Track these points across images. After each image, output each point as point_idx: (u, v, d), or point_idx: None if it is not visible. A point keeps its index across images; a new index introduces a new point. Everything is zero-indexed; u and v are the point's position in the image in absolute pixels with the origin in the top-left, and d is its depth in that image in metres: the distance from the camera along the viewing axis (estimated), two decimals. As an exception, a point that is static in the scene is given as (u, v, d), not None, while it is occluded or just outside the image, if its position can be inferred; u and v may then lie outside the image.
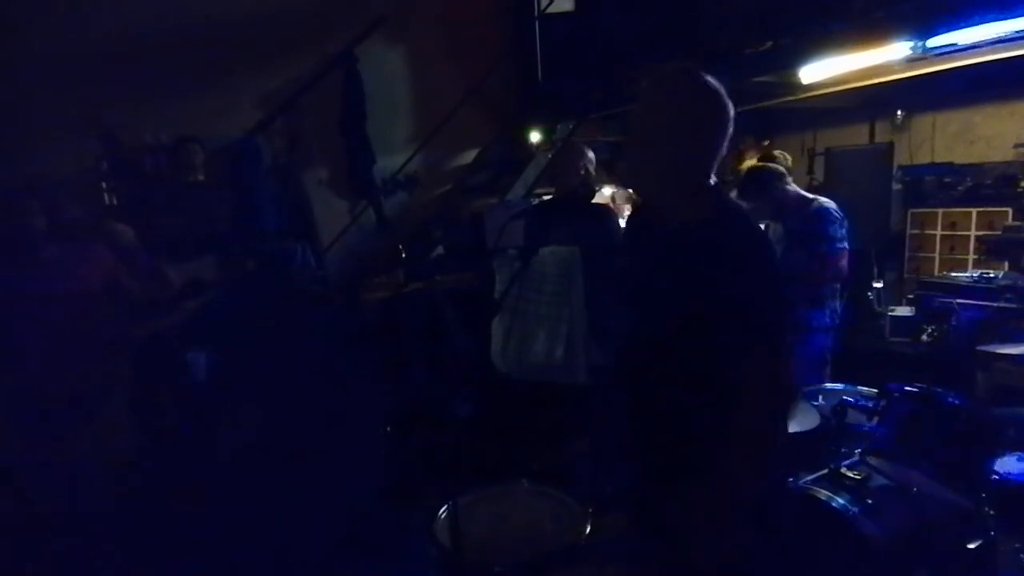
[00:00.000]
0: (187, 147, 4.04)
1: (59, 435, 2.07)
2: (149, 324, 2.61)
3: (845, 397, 2.51)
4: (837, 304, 3.28)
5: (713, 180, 1.55)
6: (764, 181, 3.23)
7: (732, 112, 1.49)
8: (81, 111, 3.88)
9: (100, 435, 2.12)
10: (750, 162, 3.34)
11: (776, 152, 3.43)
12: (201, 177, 4.07)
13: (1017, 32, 3.25)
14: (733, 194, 4.92)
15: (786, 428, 1.49)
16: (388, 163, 5.08)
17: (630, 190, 3.46)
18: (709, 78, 1.49)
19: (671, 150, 1.48)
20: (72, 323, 2.13)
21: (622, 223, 2.84)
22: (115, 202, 3.87)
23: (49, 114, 3.75)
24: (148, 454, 2.58)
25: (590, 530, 1.74)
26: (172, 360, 2.75)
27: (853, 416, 2.42)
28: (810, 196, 3.26)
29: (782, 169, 3.24)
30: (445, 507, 1.76)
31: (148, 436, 2.67)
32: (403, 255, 4.22)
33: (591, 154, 3.02)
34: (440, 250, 4.93)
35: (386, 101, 5.07)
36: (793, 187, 3.27)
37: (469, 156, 5.59)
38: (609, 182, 4.79)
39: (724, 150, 1.52)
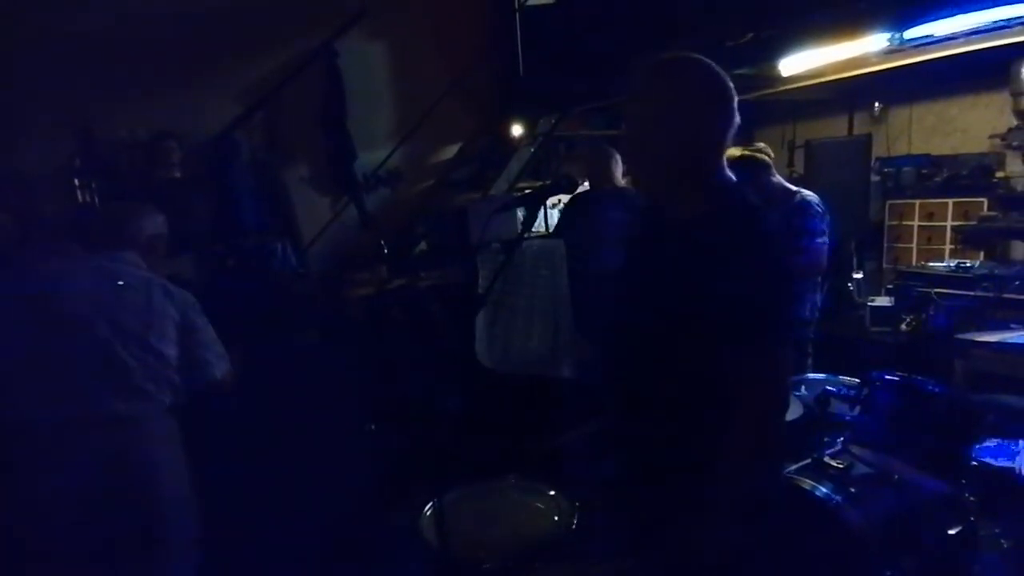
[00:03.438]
0: (163, 143, 3.97)
1: (39, 439, 2.03)
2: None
3: (827, 387, 2.53)
4: (817, 297, 3.31)
5: (729, 173, 1.49)
6: (749, 171, 3.23)
7: (734, 98, 1.44)
8: (54, 107, 3.80)
9: (80, 436, 2.08)
10: (736, 151, 3.35)
11: (759, 144, 3.44)
12: (178, 174, 4.00)
13: (991, 23, 3.30)
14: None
15: (784, 424, 1.46)
16: (370, 158, 5.03)
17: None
18: (707, 61, 1.43)
19: (677, 141, 1.41)
20: (46, 325, 2.08)
21: None
22: (89, 200, 3.79)
23: (21, 110, 3.67)
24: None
25: (578, 525, 1.74)
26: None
27: (835, 406, 2.45)
28: (794, 189, 3.27)
29: (768, 160, 3.25)
30: (431, 504, 1.75)
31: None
32: (386, 251, 4.19)
33: (618, 156, 3.05)
34: (423, 246, 4.90)
35: (367, 95, 5.02)
36: (778, 179, 3.28)
37: (451, 151, 5.56)
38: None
39: (730, 138, 1.46)
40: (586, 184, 3.50)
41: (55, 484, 2.00)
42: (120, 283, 2.15)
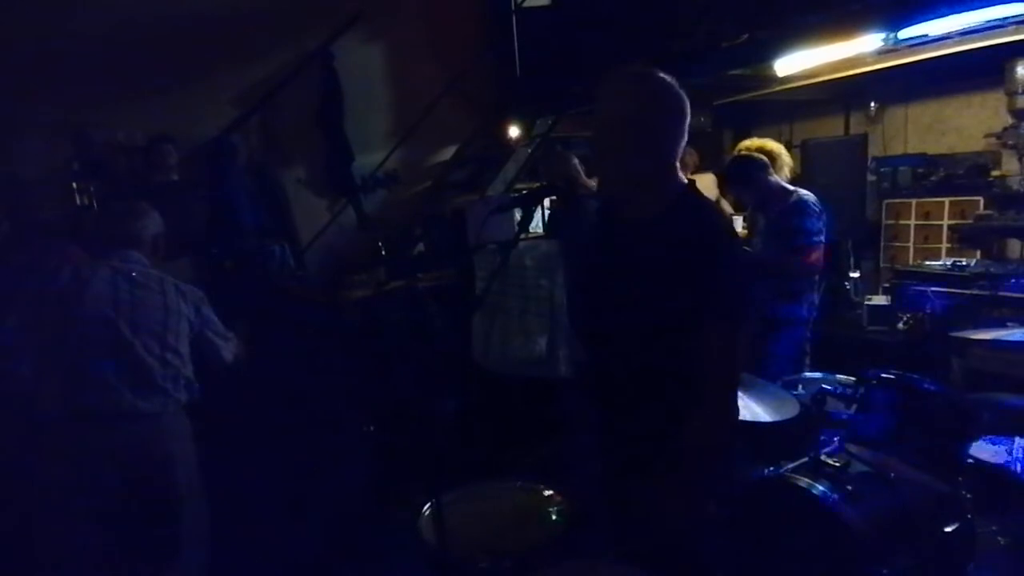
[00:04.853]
0: (161, 147, 3.98)
1: (64, 434, 2.06)
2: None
3: (824, 386, 2.54)
4: (814, 296, 3.31)
5: (681, 176, 1.60)
6: (747, 171, 3.24)
7: (688, 109, 1.55)
8: (53, 110, 3.80)
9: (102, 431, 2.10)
10: (750, 142, 3.36)
11: (767, 140, 3.43)
12: (175, 177, 4.00)
13: (985, 23, 3.31)
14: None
15: (737, 413, 1.56)
16: (367, 160, 5.04)
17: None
18: (665, 77, 1.54)
19: (632, 149, 1.53)
20: (67, 325, 2.10)
21: None
22: (87, 203, 3.79)
23: (19, 112, 3.67)
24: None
25: (576, 524, 1.75)
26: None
27: (832, 404, 2.45)
28: (791, 188, 3.27)
29: (764, 160, 3.25)
30: (429, 504, 1.75)
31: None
32: (383, 253, 4.20)
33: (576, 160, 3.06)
34: (421, 247, 4.91)
35: (364, 98, 5.03)
36: (775, 178, 3.28)
37: (449, 152, 5.57)
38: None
39: (683, 146, 1.57)
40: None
41: (78, 476, 2.05)
42: (138, 283, 2.19)
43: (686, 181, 1.62)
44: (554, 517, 1.80)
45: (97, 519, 2.06)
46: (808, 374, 2.94)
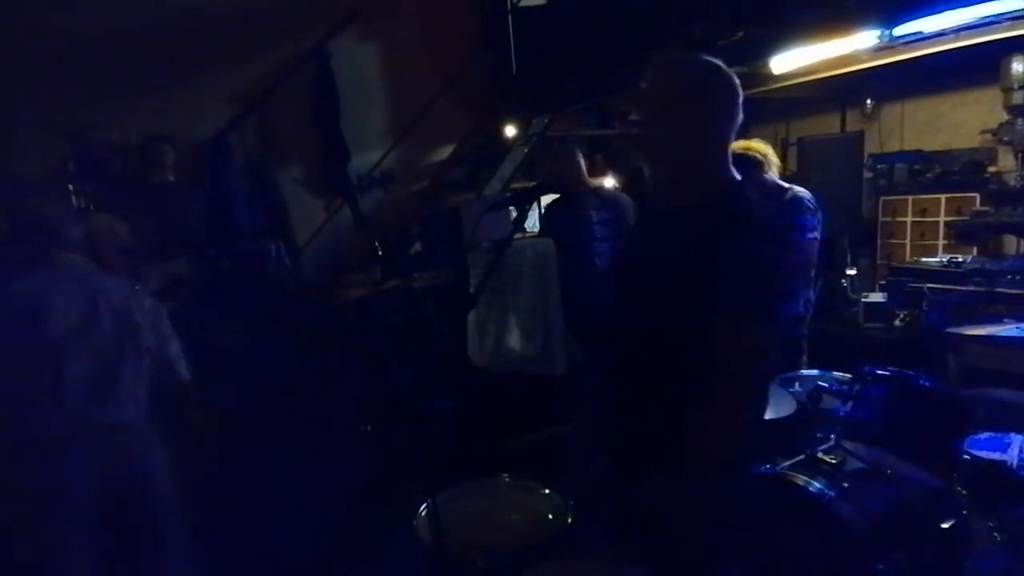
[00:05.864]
0: (157, 147, 3.96)
1: (42, 446, 2.04)
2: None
3: (820, 383, 2.54)
4: (811, 293, 3.32)
5: (730, 167, 1.56)
6: (741, 169, 3.24)
7: (739, 95, 1.51)
8: (47, 109, 3.79)
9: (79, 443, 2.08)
10: (737, 143, 3.37)
11: (754, 140, 3.45)
12: (171, 177, 3.99)
13: (980, 19, 3.31)
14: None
15: (764, 409, 1.53)
16: (363, 160, 5.03)
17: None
18: (721, 64, 1.50)
19: (686, 136, 1.49)
20: (43, 332, 2.09)
21: None
22: (83, 204, 3.78)
23: (14, 113, 3.66)
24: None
25: (572, 522, 1.75)
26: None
27: (828, 401, 2.46)
28: (785, 185, 3.28)
29: (759, 157, 3.26)
30: (426, 503, 1.75)
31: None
32: (380, 252, 4.19)
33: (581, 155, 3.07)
34: (417, 247, 4.91)
35: (360, 97, 5.03)
36: (770, 176, 3.28)
37: (445, 151, 5.56)
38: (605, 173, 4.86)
39: (734, 132, 1.54)
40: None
41: (55, 487, 2.02)
42: (107, 290, 2.17)
43: (738, 176, 1.57)
44: (551, 515, 1.81)
45: (74, 531, 2.03)
46: (804, 371, 2.95)
